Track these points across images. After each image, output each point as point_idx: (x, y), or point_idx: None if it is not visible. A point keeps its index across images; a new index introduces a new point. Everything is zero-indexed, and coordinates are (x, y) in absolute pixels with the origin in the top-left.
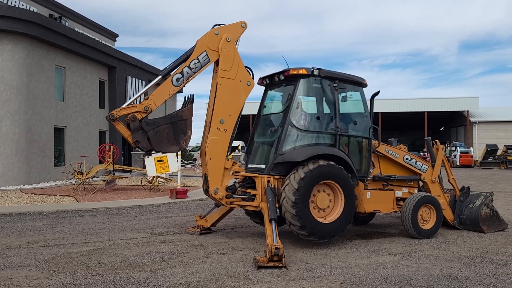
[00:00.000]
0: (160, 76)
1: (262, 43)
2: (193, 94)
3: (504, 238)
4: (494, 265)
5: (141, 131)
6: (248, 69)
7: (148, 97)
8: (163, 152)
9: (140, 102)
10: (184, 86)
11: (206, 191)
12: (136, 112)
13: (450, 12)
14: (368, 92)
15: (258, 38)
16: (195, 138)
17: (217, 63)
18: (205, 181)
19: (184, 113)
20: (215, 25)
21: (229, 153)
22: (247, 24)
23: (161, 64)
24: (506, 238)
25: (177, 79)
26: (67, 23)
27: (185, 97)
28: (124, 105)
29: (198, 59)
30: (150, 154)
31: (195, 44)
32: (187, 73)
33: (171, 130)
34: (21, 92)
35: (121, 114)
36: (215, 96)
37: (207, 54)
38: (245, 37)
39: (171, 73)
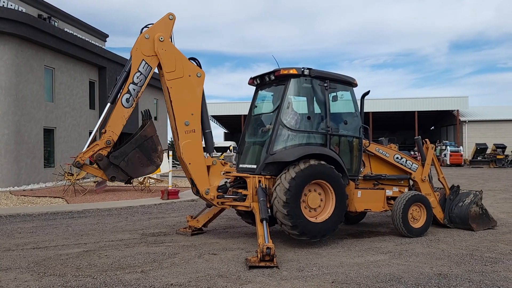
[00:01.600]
0: (108, 104)
1: (254, 43)
2: (148, 110)
3: (493, 236)
4: (483, 263)
5: (112, 166)
6: (193, 60)
7: (105, 130)
8: (141, 176)
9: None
10: (136, 102)
11: (197, 193)
12: (100, 150)
13: (440, 13)
14: (358, 92)
15: (250, 38)
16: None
17: (160, 66)
18: (193, 185)
19: (147, 131)
20: (143, 28)
21: (221, 153)
22: (174, 14)
23: None
24: (495, 236)
25: (127, 100)
26: (56, 23)
27: (142, 113)
28: (85, 148)
29: (139, 71)
30: (130, 183)
31: (130, 57)
32: (134, 89)
33: (141, 153)
34: (10, 93)
35: (86, 157)
36: (171, 101)
37: (146, 63)
38: (238, 37)
39: (118, 96)
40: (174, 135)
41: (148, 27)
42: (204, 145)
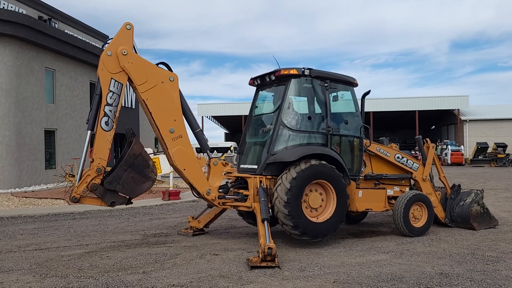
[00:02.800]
0: (89, 132)
1: (254, 43)
2: (130, 128)
3: (494, 235)
4: (485, 262)
5: (109, 191)
6: (162, 65)
7: (92, 158)
8: (140, 194)
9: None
10: (116, 123)
11: (198, 194)
12: (92, 180)
13: (440, 12)
14: (359, 91)
15: (250, 38)
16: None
17: (130, 80)
18: (192, 188)
19: (135, 149)
20: (103, 44)
21: (222, 154)
22: (132, 24)
23: None
24: (497, 235)
25: (106, 123)
26: (56, 25)
27: (125, 131)
28: (77, 182)
29: (111, 91)
30: (131, 203)
31: (98, 78)
32: (111, 110)
33: (134, 173)
34: (11, 94)
35: (80, 190)
36: (150, 112)
37: (116, 80)
38: (237, 38)
39: (96, 122)
40: (161, 144)
41: (107, 43)
42: (198, 145)
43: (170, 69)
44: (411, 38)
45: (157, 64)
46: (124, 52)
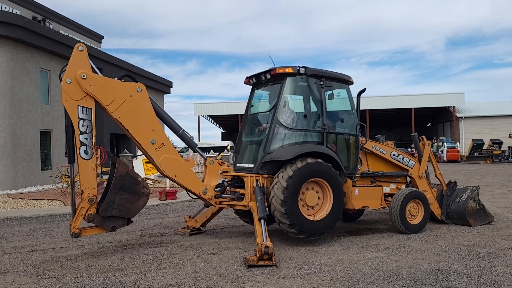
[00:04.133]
0: (69, 164)
1: (250, 43)
2: (109, 151)
3: (490, 231)
4: (481, 258)
5: (106, 218)
6: (127, 77)
7: (82, 190)
8: (138, 212)
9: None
10: (95, 148)
11: (195, 195)
12: (87, 211)
13: (436, 9)
14: (355, 89)
15: (247, 38)
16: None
17: (98, 102)
18: (188, 191)
19: (120, 171)
20: (60, 73)
21: (218, 153)
22: (84, 44)
23: (149, 65)
24: (493, 231)
25: (85, 152)
26: (51, 26)
27: (107, 155)
28: (73, 218)
29: (81, 118)
30: (131, 222)
31: (65, 109)
32: (86, 138)
33: (126, 193)
34: (5, 96)
35: (78, 224)
36: (127, 129)
37: (83, 107)
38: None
39: (75, 152)
40: (146, 156)
41: (63, 71)
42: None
43: (135, 80)
44: (407, 36)
45: (121, 78)
46: (84, 76)
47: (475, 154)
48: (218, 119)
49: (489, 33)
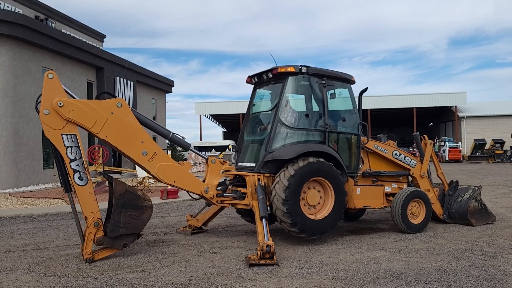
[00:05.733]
0: (67, 193)
1: (252, 42)
2: (105, 173)
3: (492, 231)
4: (483, 257)
5: (115, 238)
6: (104, 93)
7: (85, 216)
8: (145, 225)
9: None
10: (89, 172)
11: (196, 194)
12: (95, 235)
13: (438, 9)
14: (357, 89)
15: (249, 37)
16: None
17: (81, 126)
18: (190, 193)
19: (118, 190)
20: (36, 105)
21: (220, 152)
22: (53, 71)
23: (151, 64)
24: (495, 230)
25: (79, 178)
26: (53, 25)
27: (103, 176)
28: (83, 244)
29: (68, 146)
30: (141, 235)
31: (50, 141)
32: (78, 164)
33: (129, 210)
34: (8, 94)
35: (90, 250)
36: (116, 146)
37: (67, 134)
38: (236, 36)
39: (70, 181)
40: (141, 168)
41: (39, 101)
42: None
43: (113, 96)
44: (409, 35)
45: (98, 97)
46: (60, 103)
47: (477, 153)
48: (219, 118)
49: (492, 32)
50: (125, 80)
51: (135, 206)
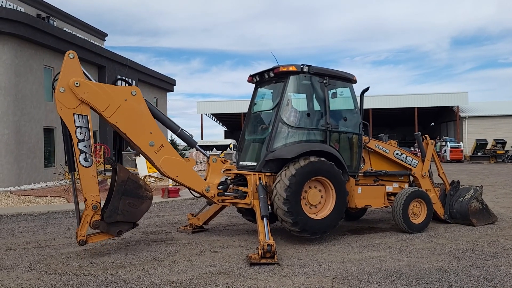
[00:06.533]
0: (71, 173)
1: (254, 41)
2: (109, 158)
3: (493, 231)
4: (484, 258)
5: (112, 224)
6: (120, 81)
7: (85, 198)
8: (142, 215)
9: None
10: (94, 155)
11: (197, 193)
12: (92, 218)
13: (441, 8)
14: (358, 88)
15: (250, 36)
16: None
17: (93, 108)
18: (191, 190)
19: (121, 176)
20: (53, 82)
21: (221, 151)
22: (74, 52)
23: (153, 63)
24: (496, 231)
25: (85, 159)
26: (55, 23)
27: (107, 161)
28: (79, 225)
29: (78, 126)
30: (137, 225)
31: (61, 119)
32: (85, 145)
33: (129, 198)
34: (10, 93)
35: (85, 232)
36: (124, 133)
37: (79, 114)
38: (238, 36)
39: (75, 161)
40: (147, 158)
41: (56, 79)
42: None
43: (128, 84)
44: (411, 35)
45: (114, 82)
46: (77, 83)
47: (479, 153)
48: (221, 118)
49: (494, 32)
50: (126, 78)
51: (136, 195)
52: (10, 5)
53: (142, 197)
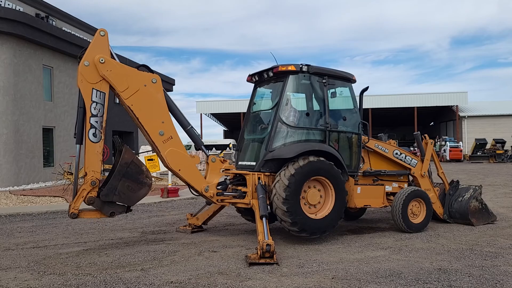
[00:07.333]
0: (78, 145)
1: (254, 40)
2: (117, 136)
3: (493, 231)
4: (483, 257)
5: (106, 203)
6: (143, 67)
7: (85, 172)
8: (138, 201)
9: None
10: (104, 133)
11: (196, 192)
12: (88, 193)
13: (441, 8)
14: (358, 88)
15: (251, 35)
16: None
17: (112, 88)
18: (190, 187)
19: (126, 158)
20: (80, 55)
21: (220, 151)
22: (106, 30)
23: (153, 63)
24: (495, 230)
25: (94, 135)
26: (54, 22)
27: (113, 142)
28: (73, 198)
29: (94, 101)
30: (130, 210)
31: (79, 91)
32: (97, 121)
33: (129, 181)
34: (8, 92)
35: (78, 205)
36: (137, 118)
37: (97, 90)
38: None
39: (83, 134)
40: (153, 147)
41: (83, 53)
42: (192, 142)
43: (151, 71)
44: (412, 35)
45: (138, 68)
46: (102, 60)
47: (478, 153)
48: (220, 117)
49: (494, 32)
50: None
51: (136, 179)
52: (9, 4)
53: (141, 183)
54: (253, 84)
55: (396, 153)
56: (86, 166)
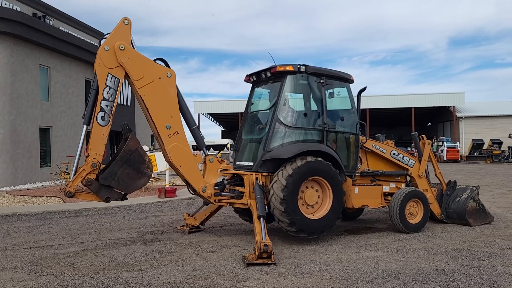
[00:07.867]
0: (85, 126)
1: (253, 40)
2: (126, 123)
3: (490, 231)
4: (480, 258)
5: (104, 187)
6: (160, 61)
7: (88, 153)
8: (135, 190)
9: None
10: (112, 118)
11: (194, 191)
12: (87, 174)
13: (439, 8)
14: (356, 88)
15: (249, 35)
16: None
17: (127, 75)
18: (188, 185)
19: (130, 145)
20: (101, 39)
21: (218, 151)
22: (129, 19)
23: None
24: (492, 231)
25: (102, 118)
26: (51, 22)
27: (121, 127)
28: (72, 177)
29: (107, 85)
30: (126, 199)
31: (95, 73)
32: (107, 105)
33: (129, 169)
34: (5, 92)
35: (75, 185)
36: (147, 108)
37: (113, 75)
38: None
39: (92, 116)
40: (158, 140)
41: (105, 38)
42: (195, 142)
43: (167, 65)
44: (410, 35)
45: (155, 60)
46: (122, 47)
47: (475, 154)
48: (218, 117)
49: (492, 32)
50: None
51: (137, 168)
52: (5, 4)
53: (142, 173)
54: (251, 84)
55: (394, 154)
56: (90, 148)
